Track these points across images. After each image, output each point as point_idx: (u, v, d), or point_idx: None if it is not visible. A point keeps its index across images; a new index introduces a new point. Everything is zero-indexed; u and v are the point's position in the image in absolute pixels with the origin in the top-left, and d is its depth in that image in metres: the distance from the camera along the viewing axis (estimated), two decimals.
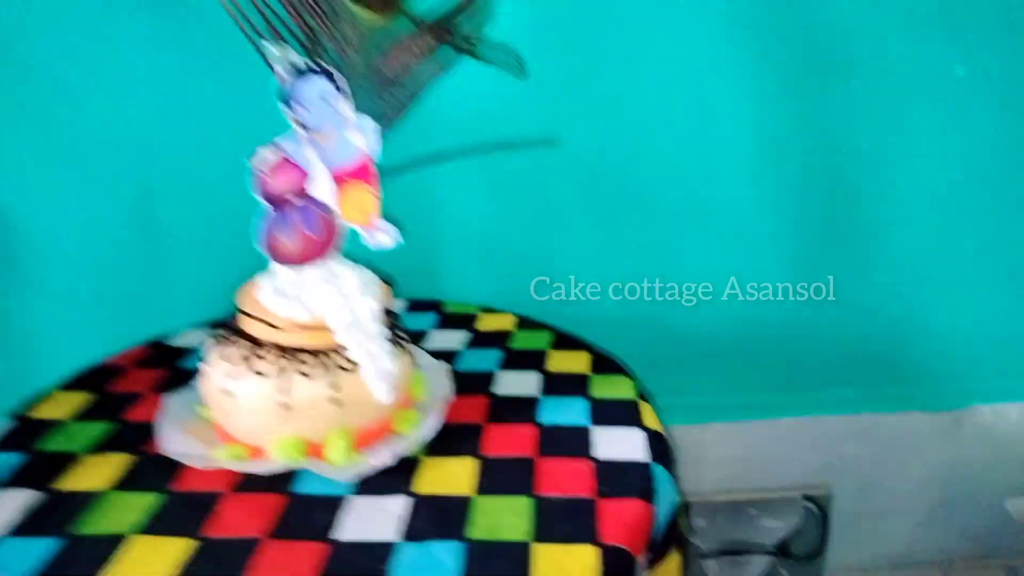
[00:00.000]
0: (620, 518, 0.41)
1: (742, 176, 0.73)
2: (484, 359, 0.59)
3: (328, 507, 0.42)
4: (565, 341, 0.62)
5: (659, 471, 0.46)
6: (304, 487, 0.44)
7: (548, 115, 0.68)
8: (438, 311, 0.69)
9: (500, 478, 0.45)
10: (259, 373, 0.45)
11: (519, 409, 0.52)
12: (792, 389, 0.81)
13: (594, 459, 0.46)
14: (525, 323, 0.66)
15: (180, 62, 0.67)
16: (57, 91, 0.68)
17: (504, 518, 0.41)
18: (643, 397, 0.54)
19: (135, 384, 0.56)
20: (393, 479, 0.44)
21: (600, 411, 0.52)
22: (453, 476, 0.45)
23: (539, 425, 0.50)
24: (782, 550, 0.81)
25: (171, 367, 0.58)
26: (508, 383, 0.56)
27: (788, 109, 0.72)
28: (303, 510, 0.42)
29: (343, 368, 0.46)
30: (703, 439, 0.78)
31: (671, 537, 0.45)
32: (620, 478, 0.45)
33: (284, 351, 0.45)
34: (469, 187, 0.73)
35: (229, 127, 0.69)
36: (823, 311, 0.79)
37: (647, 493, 0.43)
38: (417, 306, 0.70)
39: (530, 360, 0.59)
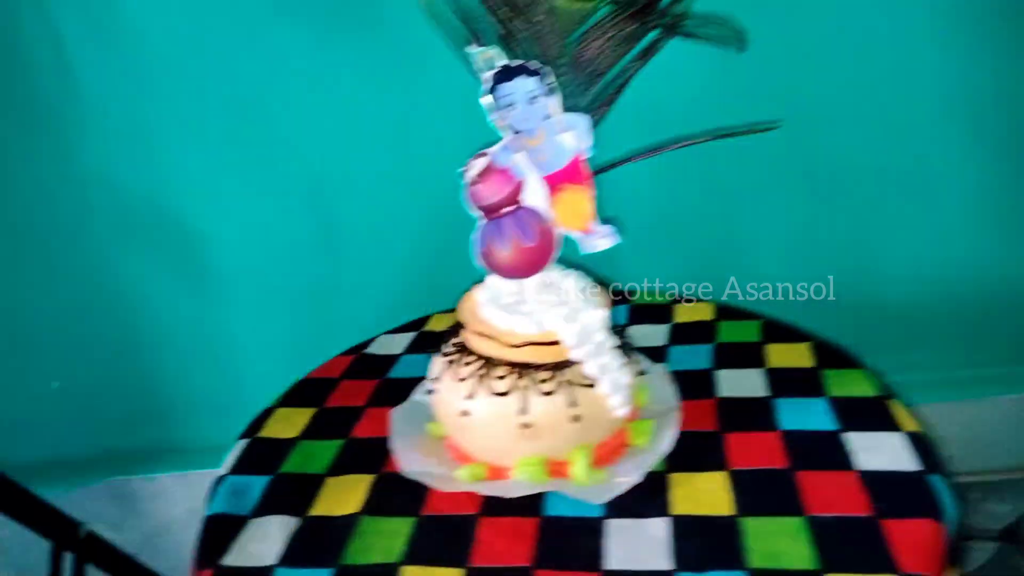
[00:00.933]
0: (913, 542, 0.37)
1: (950, 151, 0.65)
2: (695, 356, 0.56)
3: (588, 532, 0.41)
4: (777, 331, 0.58)
5: (938, 483, 0.41)
6: (556, 509, 0.43)
7: (750, 99, 0.63)
8: (627, 302, 0.66)
9: (759, 495, 0.42)
10: (497, 393, 0.44)
11: (754, 413, 0.49)
12: (1014, 362, 0.73)
13: (858, 470, 0.43)
14: (726, 312, 0.62)
15: (368, 70, 0.67)
16: (248, 110, 0.69)
17: (780, 543, 0.38)
18: (888, 393, 0.49)
19: (352, 398, 0.57)
20: (645, 498, 0.42)
21: (845, 412, 0.48)
22: (707, 493, 0.42)
23: (782, 431, 0.47)
24: (1010, 534, 0.74)
25: (380, 377, 0.59)
26: (731, 383, 0.52)
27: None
28: (563, 535, 0.41)
29: (579, 384, 0.44)
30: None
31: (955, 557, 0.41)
32: (896, 493, 0.41)
33: (518, 368, 0.44)
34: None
35: (406, 132, 0.69)
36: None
37: (934, 510, 0.39)
38: None
39: (746, 355, 0.55)
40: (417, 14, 0.49)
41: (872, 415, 0.47)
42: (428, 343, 0.63)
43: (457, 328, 0.48)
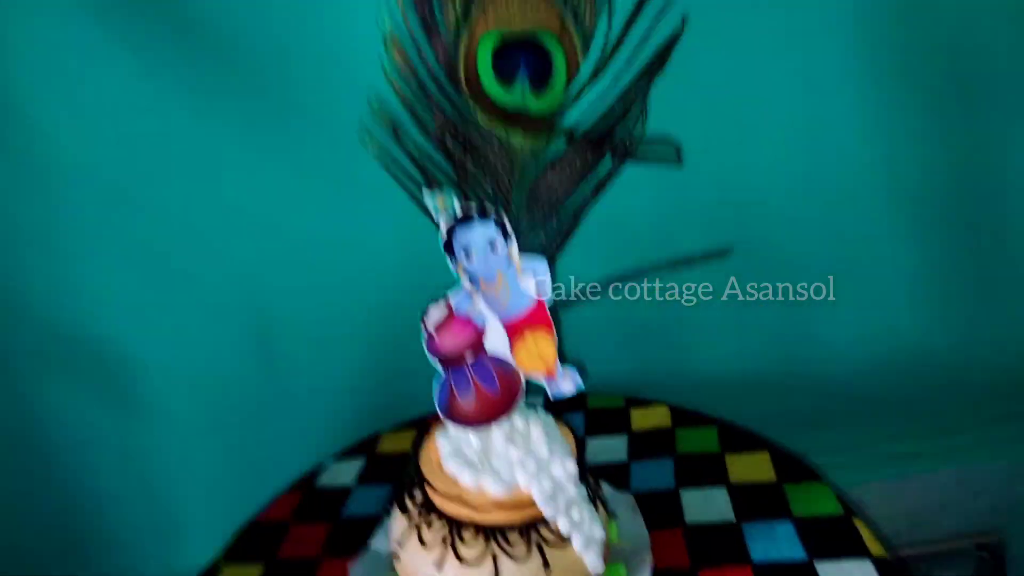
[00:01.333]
0: None
1: (890, 231, 0.67)
2: (658, 474, 0.55)
3: None
4: (736, 437, 0.58)
5: None
6: None
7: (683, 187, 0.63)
8: (582, 407, 0.64)
9: None
10: (466, 561, 0.41)
11: (722, 542, 0.48)
12: (946, 434, 0.76)
13: None
14: (681, 417, 0.61)
15: (303, 171, 0.63)
16: (169, 217, 0.65)
17: None
18: (851, 510, 0.49)
19: (305, 546, 0.53)
20: None
21: (813, 537, 0.47)
22: None
23: (753, 563, 0.46)
24: None
25: (333, 520, 0.55)
26: (696, 506, 0.52)
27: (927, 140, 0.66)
28: None
29: (551, 544, 0.42)
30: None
31: None
32: None
33: (485, 531, 0.42)
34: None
35: (346, 237, 0.66)
36: (963, 346, 0.73)
37: None
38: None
39: (708, 470, 0.55)
40: (355, 110, 0.47)
41: (839, 538, 0.47)
42: (381, 471, 0.60)
43: (416, 478, 0.45)
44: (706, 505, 0.51)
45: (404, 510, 0.45)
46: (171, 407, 0.69)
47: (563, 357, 0.43)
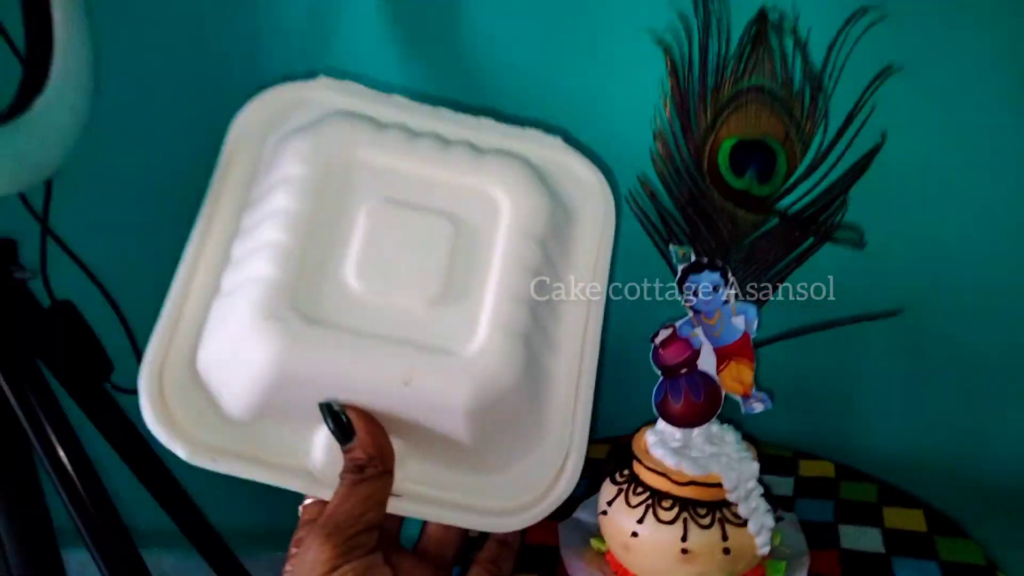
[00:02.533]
0: None
1: None
2: (819, 509, 0.64)
3: None
4: (894, 495, 0.66)
5: None
6: None
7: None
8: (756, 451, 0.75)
9: None
10: (662, 521, 0.54)
11: (873, 567, 0.57)
12: None
13: None
14: (845, 472, 0.70)
15: None
16: None
17: None
18: (994, 564, 0.56)
19: None
20: None
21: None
22: None
23: None
24: None
25: None
26: (852, 537, 0.61)
27: None
28: None
29: (731, 522, 0.53)
30: None
31: None
32: None
33: (681, 501, 0.54)
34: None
35: None
36: None
37: None
38: None
39: (865, 514, 0.63)
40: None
41: None
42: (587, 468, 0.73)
43: (627, 461, 0.59)
44: (860, 538, 0.60)
45: (615, 481, 0.58)
46: None
47: (758, 384, 0.56)
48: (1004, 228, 0.74)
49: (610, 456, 0.73)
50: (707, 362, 0.58)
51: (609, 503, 0.58)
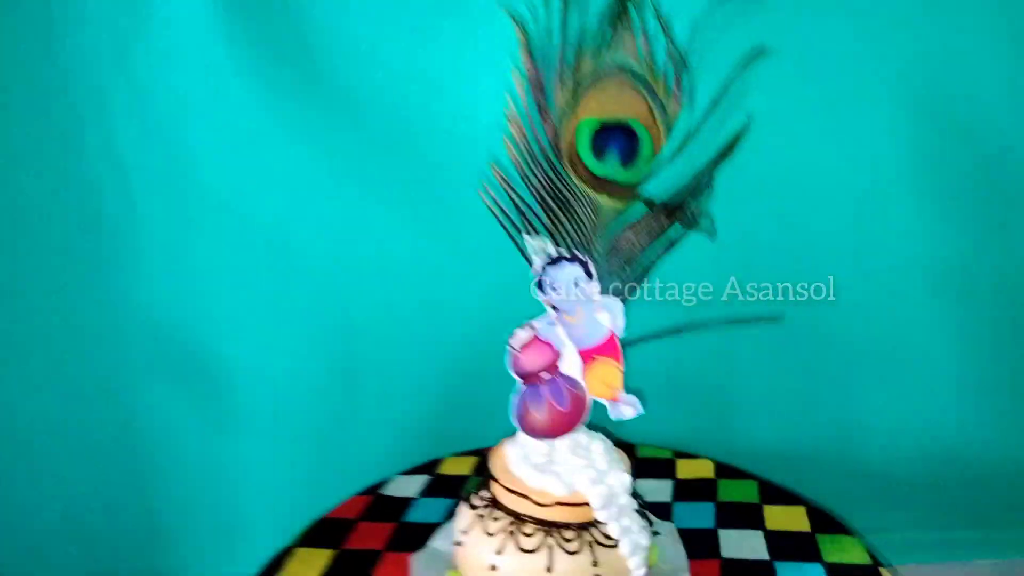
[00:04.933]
0: None
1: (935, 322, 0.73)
2: (698, 514, 0.60)
3: None
4: (775, 493, 0.63)
5: None
6: None
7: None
8: (631, 454, 0.70)
9: None
10: (525, 550, 0.47)
11: (756, 574, 0.53)
12: (984, 526, 0.78)
13: None
14: (725, 470, 0.66)
15: (401, 210, 0.74)
16: (280, 244, 0.75)
17: None
18: (879, 562, 0.53)
19: (370, 541, 0.59)
20: None
21: None
22: None
23: None
24: None
25: (397, 520, 0.62)
26: (733, 544, 0.56)
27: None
28: None
29: (602, 544, 0.48)
30: None
31: None
32: None
33: (545, 525, 0.48)
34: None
35: (435, 273, 0.75)
36: (1001, 442, 0.76)
37: None
38: None
39: (747, 516, 0.60)
40: (474, 167, 0.56)
41: None
42: (442, 487, 0.66)
43: (484, 481, 0.52)
44: (742, 544, 0.56)
45: (472, 506, 0.51)
46: (255, 415, 0.78)
47: (626, 387, 0.51)
48: (876, 216, 0.73)
49: (477, 472, 0.67)
50: (571, 365, 0.52)
51: (465, 531, 0.51)
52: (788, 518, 0.59)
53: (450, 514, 0.54)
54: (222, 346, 0.77)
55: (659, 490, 0.64)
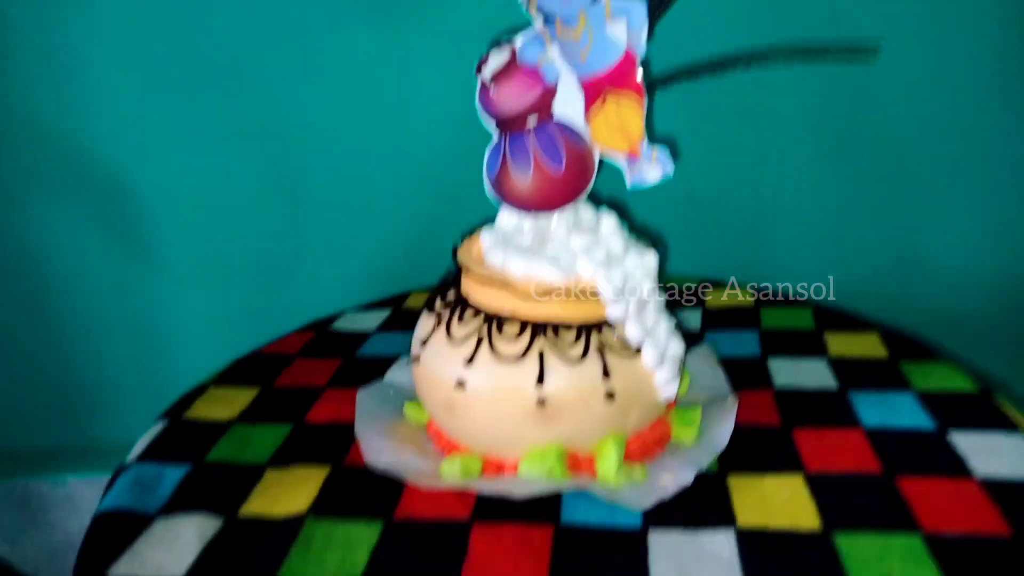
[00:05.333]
0: None
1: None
2: (738, 342, 0.46)
3: (623, 547, 0.30)
4: (836, 319, 0.48)
5: None
6: (577, 515, 0.32)
7: None
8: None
9: (853, 506, 0.31)
10: (504, 357, 0.32)
11: (824, 407, 0.38)
12: None
13: (979, 479, 0.32)
14: (767, 301, 0.52)
15: (350, 13, 0.57)
16: (203, 41, 0.58)
17: (895, 567, 0.28)
18: (989, 387, 0.39)
19: (307, 376, 0.45)
20: (699, 506, 0.31)
21: (942, 409, 0.37)
22: (783, 502, 0.31)
23: (865, 429, 0.36)
24: None
25: (344, 354, 0.47)
26: (787, 372, 0.42)
27: None
28: (587, 550, 0.30)
29: (616, 351, 0.33)
30: None
31: None
32: None
33: (533, 327, 0.33)
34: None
35: (390, 84, 0.59)
36: None
37: None
38: None
39: (801, 342, 0.45)
40: None
41: (977, 413, 0.37)
42: (407, 320, 0.52)
43: (454, 279, 0.37)
44: (799, 372, 0.42)
45: (432, 309, 0.37)
46: (182, 245, 0.62)
47: (651, 135, 0.35)
48: None
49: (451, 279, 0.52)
50: (569, 104, 0.36)
51: (424, 342, 0.36)
52: (857, 345, 0.44)
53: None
54: (130, 155, 0.60)
55: (685, 319, 0.49)
